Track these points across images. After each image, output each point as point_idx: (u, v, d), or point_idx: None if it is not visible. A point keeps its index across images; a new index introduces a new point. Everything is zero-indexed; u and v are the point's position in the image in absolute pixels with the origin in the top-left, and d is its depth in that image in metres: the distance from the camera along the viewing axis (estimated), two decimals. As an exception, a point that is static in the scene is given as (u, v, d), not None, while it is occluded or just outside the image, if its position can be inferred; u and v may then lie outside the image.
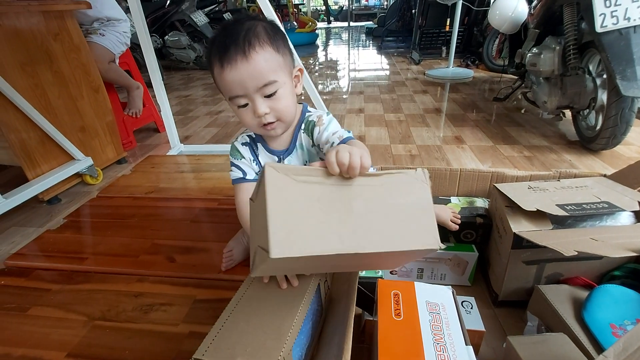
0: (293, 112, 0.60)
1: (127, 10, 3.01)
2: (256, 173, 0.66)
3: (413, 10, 4.29)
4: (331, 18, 9.52)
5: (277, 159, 0.67)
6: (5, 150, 1.12)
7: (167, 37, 3.40)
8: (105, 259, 0.88)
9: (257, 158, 0.67)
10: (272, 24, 0.58)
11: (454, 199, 0.82)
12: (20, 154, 1.12)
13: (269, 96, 0.55)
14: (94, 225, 1.04)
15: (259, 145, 0.67)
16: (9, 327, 0.70)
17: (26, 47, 1.14)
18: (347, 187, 0.38)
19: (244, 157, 0.66)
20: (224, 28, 0.55)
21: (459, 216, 0.73)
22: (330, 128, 0.61)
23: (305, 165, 0.63)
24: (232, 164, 0.67)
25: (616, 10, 1.07)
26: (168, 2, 3.32)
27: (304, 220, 0.35)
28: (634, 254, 0.51)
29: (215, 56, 0.54)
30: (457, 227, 0.71)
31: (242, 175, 0.66)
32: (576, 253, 0.50)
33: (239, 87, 0.53)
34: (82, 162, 1.28)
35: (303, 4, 9.10)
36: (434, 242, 0.39)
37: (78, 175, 1.30)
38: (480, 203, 0.80)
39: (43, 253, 0.92)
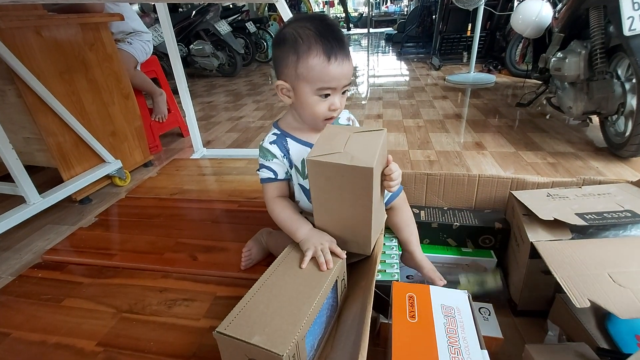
0: None
1: (155, 21, 3.15)
2: (287, 169, 0.68)
3: (433, 16, 4.26)
4: (351, 25, 9.56)
5: (309, 149, 0.69)
6: (44, 152, 1.20)
7: (192, 45, 3.54)
8: (133, 256, 0.93)
9: (288, 152, 0.68)
10: None
11: (462, 279, 0.72)
12: (57, 156, 1.19)
13: (343, 93, 0.64)
14: (123, 224, 1.10)
15: (289, 139, 0.68)
16: (44, 317, 0.75)
17: (65, 56, 1.22)
18: None
19: (275, 157, 0.67)
20: (323, 23, 0.60)
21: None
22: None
23: None
24: (262, 166, 0.68)
25: (646, 13, 1.04)
26: (194, 12, 3.46)
27: None
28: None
29: (317, 45, 0.58)
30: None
31: (272, 176, 0.68)
32: (588, 304, 0.45)
33: (337, 81, 0.61)
34: (112, 165, 1.34)
35: (323, 12, 9.22)
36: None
37: (108, 177, 1.37)
38: (492, 282, 0.72)
39: (76, 249, 0.98)
